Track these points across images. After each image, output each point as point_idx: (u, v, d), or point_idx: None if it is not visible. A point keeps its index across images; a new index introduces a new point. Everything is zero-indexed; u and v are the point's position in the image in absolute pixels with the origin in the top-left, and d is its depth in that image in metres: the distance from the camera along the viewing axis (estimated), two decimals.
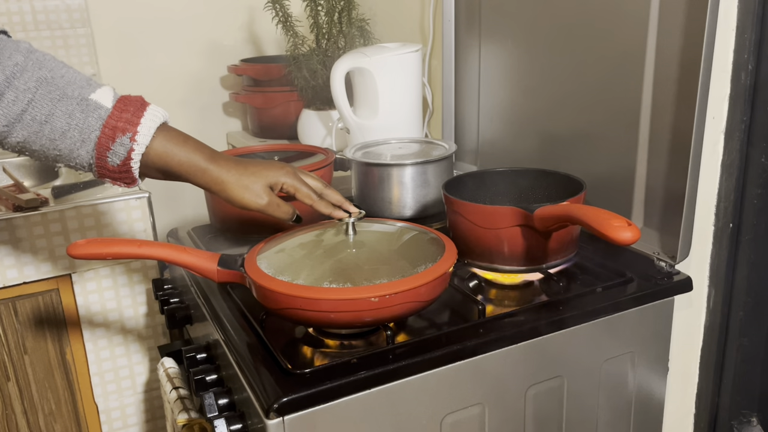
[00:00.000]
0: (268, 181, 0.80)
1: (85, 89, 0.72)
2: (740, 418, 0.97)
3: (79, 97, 0.71)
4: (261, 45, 1.92)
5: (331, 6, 1.48)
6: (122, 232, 1.27)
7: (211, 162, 0.77)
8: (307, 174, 0.86)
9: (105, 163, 0.73)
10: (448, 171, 1.13)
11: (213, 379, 0.85)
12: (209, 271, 0.83)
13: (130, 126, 0.72)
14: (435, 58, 1.45)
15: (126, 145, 0.72)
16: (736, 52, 0.85)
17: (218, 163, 0.78)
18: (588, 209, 0.76)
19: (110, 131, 0.72)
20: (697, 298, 0.95)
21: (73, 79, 0.72)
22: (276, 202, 0.81)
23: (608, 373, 0.88)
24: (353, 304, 0.73)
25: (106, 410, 1.33)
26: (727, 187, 0.90)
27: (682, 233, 0.87)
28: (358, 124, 1.31)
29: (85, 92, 0.72)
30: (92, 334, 1.29)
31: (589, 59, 0.99)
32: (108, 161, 0.73)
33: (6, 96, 0.69)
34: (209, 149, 0.79)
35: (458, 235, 0.91)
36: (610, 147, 0.99)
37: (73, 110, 0.71)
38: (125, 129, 0.72)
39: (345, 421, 0.72)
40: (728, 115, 0.87)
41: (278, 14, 1.51)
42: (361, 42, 1.52)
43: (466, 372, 0.77)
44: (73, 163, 0.74)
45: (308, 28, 1.54)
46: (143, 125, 0.73)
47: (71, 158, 0.73)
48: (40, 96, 0.70)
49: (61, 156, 0.73)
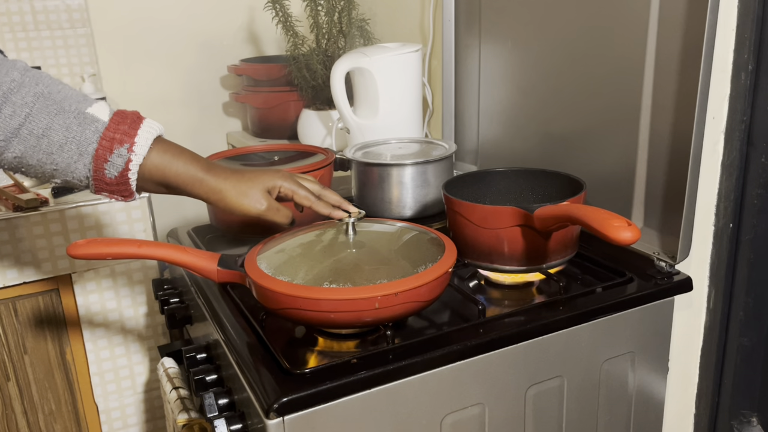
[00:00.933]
0: (265, 186, 0.81)
1: (82, 104, 0.73)
2: (740, 418, 0.97)
3: (76, 111, 0.72)
4: (261, 45, 1.92)
5: (331, 6, 1.49)
6: (122, 232, 1.27)
7: (207, 172, 0.78)
8: (303, 177, 0.87)
9: (102, 175, 0.74)
10: (448, 171, 1.13)
11: (213, 379, 0.85)
12: (209, 271, 0.83)
13: (127, 138, 0.73)
14: (435, 58, 1.45)
15: (124, 156, 0.73)
16: (736, 52, 0.85)
17: (215, 173, 0.78)
18: (588, 209, 0.76)
19: (108, 143, 0.72)
20: (697, 298, 0.95)
21: (69, 95, 0.73)
22: (275, 206, 0.81)
23: (608, 373, 0.88)
24: (353, 304, 0.73)
25: (106, 410, 1.33)
26: (727, 187, 0.90)
27: (682, 233, 0.87)
28: (358, 124, 1.31)
29: (81, 107, 0.73)
30: (92, 334, 1.29)
31: (589, 59, 0.99)
32: (105, 174, 0.73)
33: (3, 111, 0.69)
34: (205, 160, 0.79)
35: (458, 235, 0.91)
36: (610, 147, 0.99)
37: (71, 123, 0.71)
38: (122, 140, 0.73)
39: (345, 421, 0.72)
40: (728, 115, 0.87)
41: (278, 14, 1.51)
42: (361, 42, 1.52)
43: (466, 372, 0.77)
44: (69, 177, 0.74)
45: (308, 28, 1.54)
46: (140, 136, 0.74)
47: (68, 172, 0.73)
48: (37, 110, 0.70)
49: (57, 171, 0.73)
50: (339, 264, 0.80)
